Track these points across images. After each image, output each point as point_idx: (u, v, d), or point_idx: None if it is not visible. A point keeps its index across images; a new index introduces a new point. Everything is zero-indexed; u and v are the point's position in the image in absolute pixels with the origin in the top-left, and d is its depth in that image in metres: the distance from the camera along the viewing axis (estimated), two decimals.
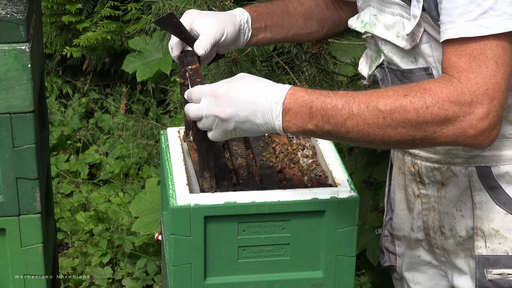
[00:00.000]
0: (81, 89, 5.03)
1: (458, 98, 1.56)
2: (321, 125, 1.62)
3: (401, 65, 1.84)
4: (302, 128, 1.64)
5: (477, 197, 1.87)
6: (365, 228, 3.15)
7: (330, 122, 1.61)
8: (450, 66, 1.60)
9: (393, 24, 1.81)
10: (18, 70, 1.83)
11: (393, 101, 1.58)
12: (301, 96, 1.63)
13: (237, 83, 1.67)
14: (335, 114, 1.61)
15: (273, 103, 1.63)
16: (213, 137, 1.70)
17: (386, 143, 1.62)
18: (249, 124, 1.66)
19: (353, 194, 1.82)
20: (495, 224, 1.86)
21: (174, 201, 1.76)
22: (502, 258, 1.87)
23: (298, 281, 1.86)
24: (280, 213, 1.79)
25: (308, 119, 1.63)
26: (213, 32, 1.91)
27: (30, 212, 1.95)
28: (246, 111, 1.64)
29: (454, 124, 1.57)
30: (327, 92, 1.63)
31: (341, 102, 1.61)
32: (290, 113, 1.63)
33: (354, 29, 1.96)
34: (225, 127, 1.67)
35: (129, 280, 3.66)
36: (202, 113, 1.67)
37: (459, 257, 1.95)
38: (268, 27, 2.05)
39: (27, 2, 1.90)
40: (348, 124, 1.60)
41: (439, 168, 1.91)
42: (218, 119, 1.66)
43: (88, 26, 4.75)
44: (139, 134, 3.48)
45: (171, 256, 1.80)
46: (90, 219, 3.92)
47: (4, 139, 1.87)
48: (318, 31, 2.15)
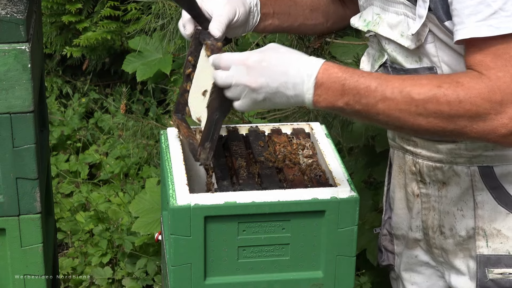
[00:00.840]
0: (81, 89, 5.03)
1: (489, 95, 1.57)
2: (352, 104, 1.62)
3: (405, 65, 1.84)
4: (331, 104, 1.63)
5: (479, 197, 1.87)
6: (365, 228, 3.15)
7: (362, 102, 1.61)
8: (476, 63, 1.61)
9: (397, 24, 1.81)
10: (18, 70, 1.83)
11: (426, 91, 1.59)
12: (334, 72, 1.63)
13: (269, 53, 1.65)
14: (368, 95, 1.61)
15: (306, 76, 1.63)
16: (241, 107, 1.67)
17: (415, 130, 1.64)
18: (279, 95, 1.64)
19: (353, 194, 1.82)
20: (497, 224, 1.86)
21: (174, 201, 1.76)
22: (503, 257, 1.87)
23: (298, 281, 1.86)
24: (280, 213, 1.79)
25: (339, 96, 1.62)
26: (226, 13, 1.87)
27: (30, 212, 1.95)
28: (277, 82, 1.63)
29: (485, 121, 1.58)
30: (361, 72, 1.64)
31: (374, 84, 1.61)
32: (322, 88, 1.63)
33: (357, 28, 1.96)
34: (254, 97, 1.65)
35: (129, 280, 3.66)
36: (231, 81, 1.65)
37: (457, 257, 1.95)
38: (276, 14, 2.03)
39: (27, 2, 1.90)
40: (379, 107, 1.61)
41: (441, 168, 1.91)
42: (248, 89, 1.64)
43: (88, 26, 4.75)
44: (139, 134, 3.49)
45: (171, 256, 1.80)
46: (90, 219, 3.92)
47: (4, 139, 1.87)
48: (323, 23, 2.14)
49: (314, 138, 2.05)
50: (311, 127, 2.09)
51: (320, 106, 1.65)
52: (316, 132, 2.07)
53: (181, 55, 3.70)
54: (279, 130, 2.10)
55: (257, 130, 2.08)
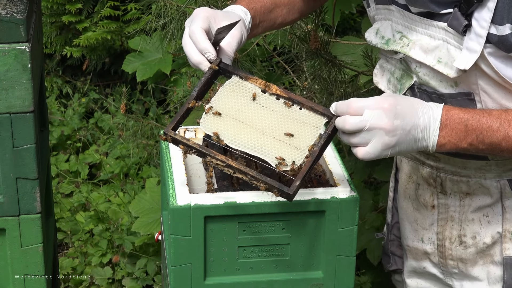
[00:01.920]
0: (81, 89, 5.03)
1: None
2: (476, 144, 1.67)
3: (439, 89, 1.80)
4: (456, 145, 1.67)
5: (507, 202, 1.87)
6: (365, 228, 3.15)
7: (485, 142, 1.66)
8: None
9: (434, 48, 1.76)
10: (18, 70, 1.83)
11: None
12: (456, 113, 1.67)
13: (399, 97, 1.67)
14: (491, 135, 1.66)
15: (432, 118, 1.66)
16: (368, 154, 1.65)
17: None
18: (409, 139, 1.65)
19: (353, 194, 1.81)
20: None
21: (174, 201, 1.76)
22: None
23: (298, 281, 1.86)
24: (280, 213, 1.79)
25: (463, 137, 1.66)
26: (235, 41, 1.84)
27: (30, 212, 1.95)
28: (410, 124, 1.64)
29: None
30: (481, 112, 1.67)
31: (496, 124, 1.66)
32: (447, 129, 1.66)
33: (375, 45, 1.91)
34: (387, 142, 1.64)
35: (129, 280, 3.66)
36: (365, 125, 1.63)
37: (476, 265, 1.93)
38: (261, 23, 2.02)
39: (27, 2, 1.90)
40: (503, 145, 1.66)
41: (466, 182, 1.90)
42: (382, 132, 1.63)
43: (88, 26, 4.75)
44: (139, 134, 3.49)
45: (171, 256, 1.80)
46: (90, 219, 3.92)
47: (4, 139, 1.87)
48: (296, 18, 2.13)
49: None
50: None
51: (445, 149, 1.68)
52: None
53: (181, 55, 3.70)
54: None
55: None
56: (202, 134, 2.00)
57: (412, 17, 1.78)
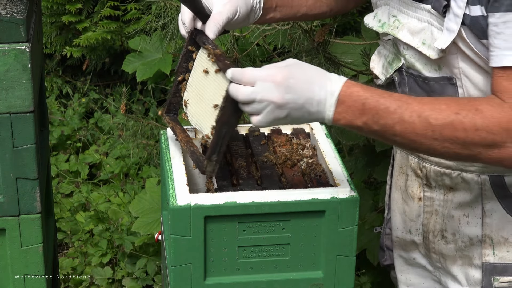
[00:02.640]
0: (81, 89, 5.03)
1: (508, 125, 1.57)
2: (370, 124, 1.63)
3: (423, 72, 1.82)
4: (350, 122, 1.64)
5: (487, 205, 1.86)
6: (365, 228, 3.15)
7: (380, 123, 1.62)
8: (501, 90, 1.60)
9: (420, 31, 1.79)
10: (18, 70, 1.83)
11: (444, 117, 1.59)
12: (356, 90, 1.63)
13: (295, 69, 1.65)
14: (386, 116, 1.62)
15: (329, 93, 1.63)
16: (260, 123, 1.66)
17: (430, 153, 1.66)
18: (302, 112, 1.64)
19: (353, 194, 1.81)
20: (505, 233, 1.86)
21: (174, 201, 1.76)
22: (510, 266, 1.87)
23: (298, 281, 1.86)
24: (280, 213, 1.79)
25: (358, 115, 1.63)
26: (226, 12, 1.85)
27: (30, 212, 1.95)
28: (303, 99, 1.63)
29: (500, 148, 1.58)
30: (382, 92, 1.64)
31: (394, 106, 1.62)
32: (343, 106, 1.63)
33: (371, 28, 1.93)
34: (277, 114, 1.64)
35: (129, 280, 3.66)
36: (256, 97, 1.63)
37: (455, 264, 1.94)
38: (278, 7, 2.01)
39: (27, 2, 1.90)
40: (396, 129, 1.62)
41: (449, 174, 1.90)
42: (272, 105, 1.63)
43: (88, 26, 4.75)
44: (139, 134, 3.49)
45: (171, 256, 1.80)
46: (90, 219, 3.92)
47: (4, 139, 1.87)
48: (325, 12, 2.12)
49: (314, 138, 2.05)
50: (311, 127, 2.09)
51: (340, 124, 1.66)
52: (316, 132, 2.07)
53: None
54: (279, 130, 2.10)
55: (257, 130, 2.08)
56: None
57: (405, 1, 1.81)
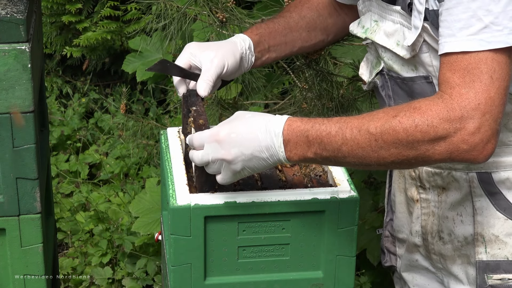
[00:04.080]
0: (81, 89, 5.03)
1: (448, 114, 1.56)
2: (319, 152, 1.64)
3: (401, 73, 1.84)
4: (303, 156, 1.66)
5: (477, 203, 1.86)
6: (365, 228, 3.15)
7: (327, 149, 1.63)
8: (443, 81, 1.60)
9: (394, 32, 1.81)
10: (18, 70, 1.83)
11: (383, 123, 1.59)
12: (297, 126, 1.65)
13: (236, 123, 1.68)
14: (330, 141, 1.62)
15: (274, 136, 1.65)
16: (223, 180, 1.71)
17: (383, 165, 1.63)
18: (255, 160, 1.67)
19: (353, 194, 1.82)
20: (495, 230, 1.86)
21: (174, 201, 1.76)
22: (502, 263, 1.87)
23: (298, 281, 1.86)
24: (280, 213, 1.79)
25: (307, 148, 1.64)
26: (214, 68, 1.91)
27: (30, 212, 1.95)
28: (251, 148, 1.65)
29: (445, 140, 1.56)
30: (322, 120, 1.65)
31: (334, 129, 1.62)
32: (290, 144, 1.65)
33: (356, 34, 1.96)
34: (233, 169, 1.68)
35: (129, 280, 3.66)
36: (208, 159, 1.68)
37: (455, 263, 1.94)
38: (272, 47, 2.05)
39: (27, 2, 1.90)
40: (343, 149, 1.62)
41: (440, 173, 1.90)
42: (225, 162, 1.67)
43: (88, 26, 4.75)
44: (139, 134, 3.48)
45: (171, 256, 1.80)
46: (90, 219, 3.92)
47: (4, 139, 1.87)
48: (324, 40, 2.15)
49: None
50: None
51: (295, 160, 1.67)
52: None
53: None
54: None
55: None
56: None
57: (382, 5, 1.83)
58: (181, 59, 1.95)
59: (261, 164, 1.68)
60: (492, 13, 1.56)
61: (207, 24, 2.67)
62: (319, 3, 2.13)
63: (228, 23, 2.61)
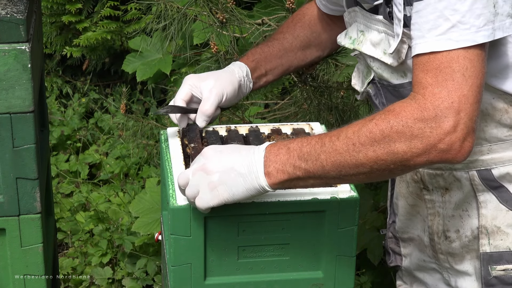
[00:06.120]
0: (81, 89, 5.03)
1: (422, 114, 1.55)
2: (299, 164, 1.63)
3: (392, 80, 1.85)
4: (282, 170, 1.65)
5: (481, 197, 1.87)
6: (365, 228, 3.15)
7: (306, 158, 1.63)
8: (417, 82, 1.60)
9: (379, 41, 1.81)
10: (18, 70, 1.83)
11: (360, 127, 1.59)
12: (280, 142, 1.67)
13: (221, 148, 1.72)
14: (310, 151, 1.62)
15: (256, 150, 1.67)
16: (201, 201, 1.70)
17: (363, 173, 1.61)
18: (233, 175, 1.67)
19: (353, 194, 1.82)
20: (497, 221, 1.87)
21: (174, 201, 1.76)
22: (504, 254, 1.88)
23: (298, 281, 1.86)
24: (280, 213, 1.79)
25: (286, 160, 1.64)
26: (213, 98, 1.96)
27: (30, 212, 1.95)
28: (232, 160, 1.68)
29: (422, 140, 1.55)
30: (306, 138, 1.67)
31: (315, 139, 1.64)
32: (271, 155, 1.65)
33: (343, 46, 1.97)
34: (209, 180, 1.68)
35: (129, 280, 3.66)
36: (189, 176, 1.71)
37: (465, 259, 1.94)
38: (269, 71, 2.09)
39: (27, 2, 1.90)
40: (322, 158, 1.61)
41: (441, 174, 1.91)
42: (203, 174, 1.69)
43: (88, 26, 4.75)
44: (139, 134, 3.48)
45: (171, 256, 1.80)
46: (90, 219, 3.92)
47: (4, 139, 1.87)
48: (320, 55, 2.18)
49: None
50: (311, 127, 2.09)
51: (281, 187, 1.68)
52: (316, 132, 2.07)
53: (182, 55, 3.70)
54: (279, 130, 2.10)
55: (257, 130, 2.08)
56: None
57: (366, 15, 1.84)
58: (182, 91, 1.99)
59: (238, 182, 1.66)
60: (459, 12, 1.56)
61: (207, 24, 2.67)
62: (311, 20, 2.15)
63: (228, 23, 2.61)
